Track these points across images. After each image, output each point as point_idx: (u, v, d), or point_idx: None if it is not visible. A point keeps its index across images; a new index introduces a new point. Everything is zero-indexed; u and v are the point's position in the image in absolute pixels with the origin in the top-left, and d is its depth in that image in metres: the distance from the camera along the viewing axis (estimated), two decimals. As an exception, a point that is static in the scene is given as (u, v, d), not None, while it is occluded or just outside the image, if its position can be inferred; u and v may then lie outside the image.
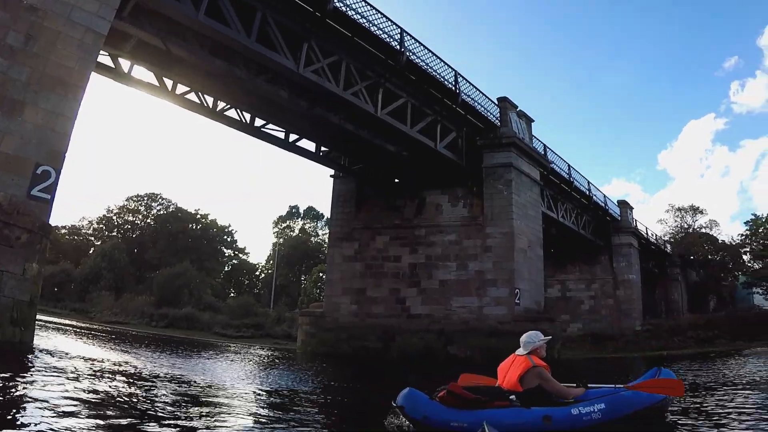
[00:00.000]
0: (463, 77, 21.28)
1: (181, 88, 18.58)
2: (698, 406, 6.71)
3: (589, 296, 38.03)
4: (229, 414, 6.44)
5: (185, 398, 7.35)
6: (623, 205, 39.48)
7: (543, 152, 26.61)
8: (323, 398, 9.31)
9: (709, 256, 55.34)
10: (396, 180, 24.64)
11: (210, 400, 7.50)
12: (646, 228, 45.85)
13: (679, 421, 6.06)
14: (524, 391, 5.73)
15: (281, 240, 66.36)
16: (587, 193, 32.82)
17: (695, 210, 57.90)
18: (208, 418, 5.91)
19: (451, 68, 20.77)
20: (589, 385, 6.26)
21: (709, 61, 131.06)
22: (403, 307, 22.86)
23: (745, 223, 55.84)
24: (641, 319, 38.28)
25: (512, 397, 5.73)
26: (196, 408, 6.58)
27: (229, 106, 20.03)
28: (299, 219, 71.31)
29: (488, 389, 5.98)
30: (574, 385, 6.30)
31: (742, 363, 17.38)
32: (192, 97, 19.12)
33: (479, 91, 22.43)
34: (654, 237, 49.10)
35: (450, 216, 23.14)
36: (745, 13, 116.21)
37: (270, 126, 21.40)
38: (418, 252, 23.20)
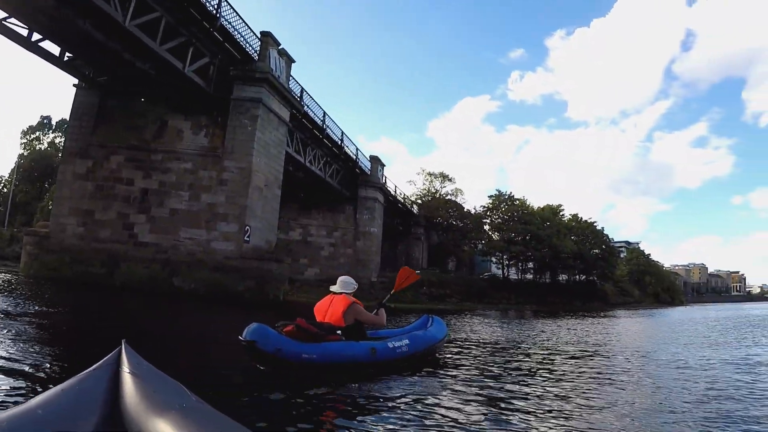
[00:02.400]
0: (227, 2, 22.11)
1: None
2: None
3: (329, 243, 41.94)
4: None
5: None
6: (375, 160, 43.91)
7: (299, 95, 28.71)
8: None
9: (453, 222, 62.86)
10: (142, 99, 24.67)
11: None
12: (395, 186, 51.28)
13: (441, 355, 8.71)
14: (346, 326, 7.09)
15: (26, 152, 61.68)
16: (339, 142, 36.01)
17: (444, 177, 64.99)
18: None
19: (216, -10, 21.53)
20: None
21: (498, 47, 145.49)
22: (130, 234, 23.39)
23: (489, 196, 63.96)
24: (378, 271, 42.91)
25: (338, 332, 6.98)
26: None
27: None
28: (50, 132, 66.34)
29: (321, 325, 6.95)
30: (380, 306, 8.05)
31: (468, 320, 21.06)
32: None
33: (243, 21, 23.49)
34: (402, 196, 54.55)
35: (190, 144, 23.97)
36: (541, 12, 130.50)
37: (13, 21, 19.96)
38: (152, 177, 23.76)
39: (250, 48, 24.06)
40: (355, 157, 39.70)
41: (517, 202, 63.26)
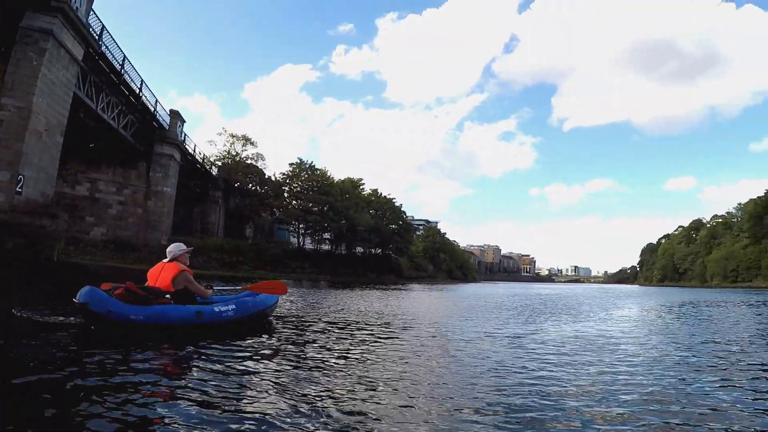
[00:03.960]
0: None
1: None
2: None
3: (119, 201, 39.66)
4: None
5: None
6: (174, 115, 42.11)
7: (99, 33, 26.51)
8: None
9: (252, 187, 61.95)
10: None
11: None
12: (195, 145, 49.70)
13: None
14: (176, 291, 7.69)
15: None
16: (138, 91, 33.83)
17: (247, 140, 64.33)
18: None
19: None
20: (215, 288, 9.16)
21: (328, 18, 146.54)
22: None
23: (290, 164, 64.51)
24: (170, 233, 41.54)
25: (167, 296, 7.56)
26: None
27: None
28: None
29: (150, 289, 7.54)
30: (210, 286, 8.78)
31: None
32: None
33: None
34: (202, 156, 53.13)
35: (-36, 75, 20.81)
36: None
37: None
38: None
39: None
40: (153, 110, 37.73)
41: (318, 172, 64.44)
